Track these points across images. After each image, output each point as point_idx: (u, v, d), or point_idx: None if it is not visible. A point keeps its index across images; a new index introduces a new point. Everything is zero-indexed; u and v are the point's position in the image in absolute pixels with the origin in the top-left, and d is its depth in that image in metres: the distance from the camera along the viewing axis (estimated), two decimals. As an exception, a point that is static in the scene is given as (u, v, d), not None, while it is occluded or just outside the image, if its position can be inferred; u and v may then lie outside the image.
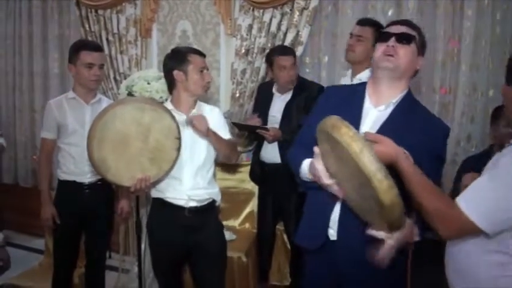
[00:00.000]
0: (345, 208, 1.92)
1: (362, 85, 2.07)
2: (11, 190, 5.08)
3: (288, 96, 3.54)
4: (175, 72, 2.61)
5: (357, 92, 2.05)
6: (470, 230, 1.56)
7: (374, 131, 1.84)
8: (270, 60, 3.50)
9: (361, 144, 1.48)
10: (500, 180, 1.51)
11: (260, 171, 3.72)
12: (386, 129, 1.85)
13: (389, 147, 1.63)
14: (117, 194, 3.33)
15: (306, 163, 1.97)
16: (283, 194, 3.49)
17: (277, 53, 3.47)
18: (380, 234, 1.66)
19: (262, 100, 3.72)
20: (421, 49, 1.95)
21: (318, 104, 2.17)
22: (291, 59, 3.44)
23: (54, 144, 3.18)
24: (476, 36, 3.53)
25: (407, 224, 1.64)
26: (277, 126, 3.51)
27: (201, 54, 2.68)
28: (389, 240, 1.64)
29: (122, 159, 2.48)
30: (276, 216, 3.78)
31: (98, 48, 3.15)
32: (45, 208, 3.12)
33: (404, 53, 1.89)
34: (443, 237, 1.65)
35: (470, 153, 3.51)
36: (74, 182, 3.15)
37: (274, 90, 3.63)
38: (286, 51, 3.49)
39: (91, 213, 3.19)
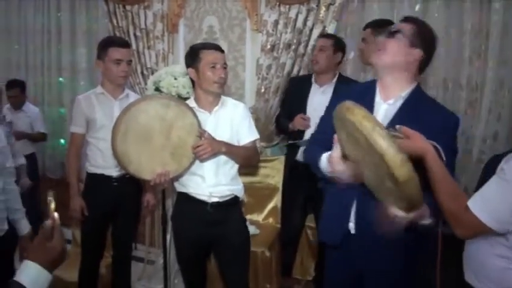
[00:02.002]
0: (362, 201, 1.97)
1: (373, 82, 2.13)
2: (39, 181, 5.18)
3: (328, 88, 3.50)
4: (189, 70, 2.64)
5: (368, 89, 2.10)
6: (483, 230, 1.63)
7: (384, 124, 1.86)
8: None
9: (373, 122, 1.51)
10: (507, 184, 1.57)
11: (294, 169, 3.72)
12: (396, 122, 1.86)
13: (419, 142, 1.68)
14: (144, 187, 3.39)
15: (324, 156, 2.00)
16: (316, 191, 3.47)
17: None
18: (398, 213, 1.68)
19: (298, 93, 3.68)
20: (416, 40, 1.95)
21: (331, 104, 2.24)
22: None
23: (83, 139, 3.25)
24: (504, 31, 3.50)
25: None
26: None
27: (217, 49, 2.64)
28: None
29: (144, 153, 2.54)
30: (305, 213, 3.80)
31: (126, 44, 3.20)
32: (74, 200, 3.19)
33: (391, 46, 1.96)
34: (459, 236, 1.71)
35: (496, 151, 3.44)
36: (103, 175, 3.21)
37: (313, 80, 3.61)
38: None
39: (118, 206, 3.25)
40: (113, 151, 2.55)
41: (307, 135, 3.51)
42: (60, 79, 5.55)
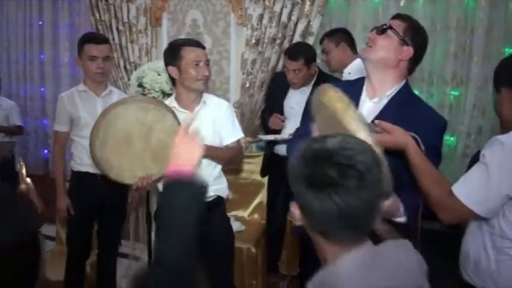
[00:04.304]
0: None
1: (361, 80, 2.10)
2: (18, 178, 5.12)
3: (306, 89, 3.50)
4: (170, 68, 2.57)
5: (355, 86, 2.08)
6: (467, 215, 1.72)
7: (369, 122, 1.84)
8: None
9: (346, 104, 1.50)
10: (487, 168, 1.66)
11: (272, 164, 3.71)
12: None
13: (399, 135, 1.71)
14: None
15: None
16: None
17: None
18: None
19: (277, 90, 3.70)
20: (407, 38, 1.92)
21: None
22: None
23: (68, 137, 3.21)
24: (489, 27, 3.51)
25: (393, 199, 1.68)
26: (297, 118, 3.45)
27: (198, 46, 2.58)
28: None
29: (124, 158, 2.51)
30: (287, 207, 3.80)
31: (102, 40, 3.13)
32: (61, 199, 3.15)
33: (381, 42, 1.93)
34: (443, 222, 1.78)
35: (481, 146, 3.46)
36: (88, 172, 3.17)
37: None
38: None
39: (104, 204, 3.22)
40: (92, 157, 2.52)
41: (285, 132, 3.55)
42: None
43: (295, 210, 1.23)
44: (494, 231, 1.74)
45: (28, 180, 1.49)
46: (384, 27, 1.94)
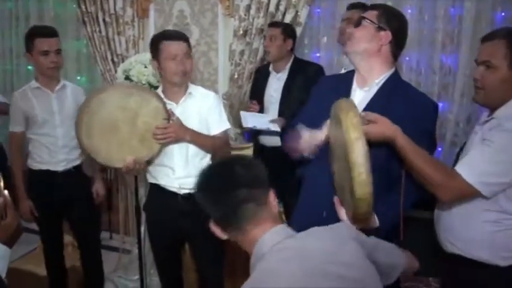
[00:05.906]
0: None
1: (351, 72, 2.15)
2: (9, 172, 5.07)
3: (283, 75, 3.64)
4: (152, 62, 2.63)
5: (346, 77, 2.14)
6: (470, 195, 1.82)
7: (360, 110, 1.87)
8: None
9: (358, 134, 1.52)
10: (489, 148, 1.77)
11: (261, 155, 3.70)
12: (371, 108, 1.90)
13: (387, 126, 1.73)
14: (92, 177, 3.37)
15: (306, 134, 1.99)
16: (283, 177, 3.49)
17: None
18: (343, 217, 1.75)
19: (261, 81, 3.79)
20: (382, 24, 1.97)
21: (312, 93, 2.27)
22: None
23: (24, 136, 3.15)
24: (477, 17, 3.49)
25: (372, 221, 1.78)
26: (276, 105, 3.60)
27: (179, 39, 2.58)
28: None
29: (112, 144, 2.54)
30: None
31: (52, 33, 3.07)
32: (23, 203, 3.10)
33: (357, 34, 2.00)
34: (443, 201, 1.91)
35: (469, 134, 3.48)
36: (48, 170, 3.12)
37: (270, 68, 3.73)
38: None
39: (67, 201, 3.17)
40: (80, 144, 2.58)
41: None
42: (29, 67, 5.41)
43: (215, 228, 1.51)
44: (491, 208, 1.83)
45: (6, 192, 1.47)
46: (359, 19, 2.03)
